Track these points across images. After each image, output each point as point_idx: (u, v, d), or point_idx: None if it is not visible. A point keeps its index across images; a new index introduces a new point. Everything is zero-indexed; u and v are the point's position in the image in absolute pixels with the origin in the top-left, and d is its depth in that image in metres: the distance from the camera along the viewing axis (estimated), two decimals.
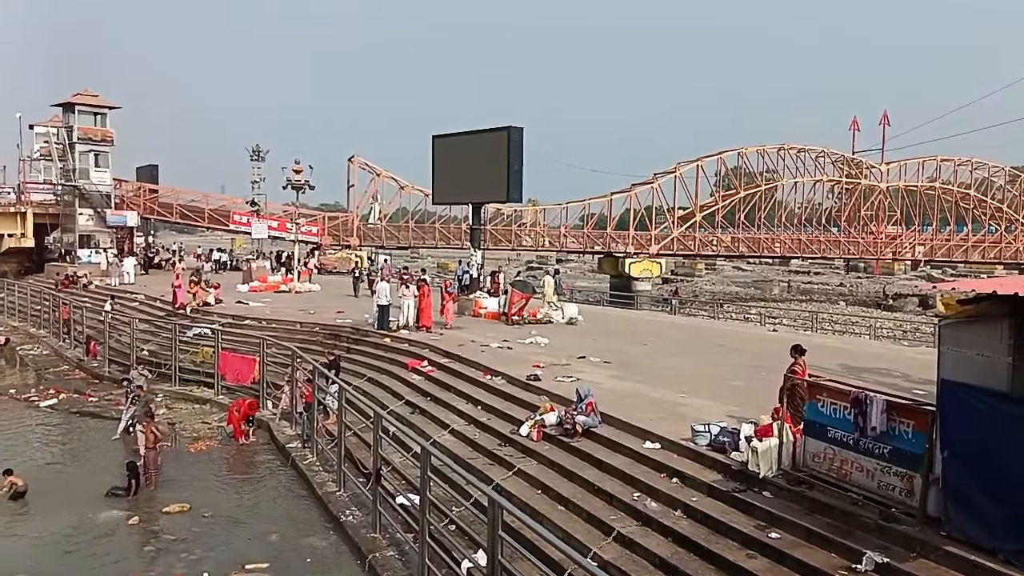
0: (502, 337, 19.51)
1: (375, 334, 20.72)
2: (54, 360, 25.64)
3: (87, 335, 25.28)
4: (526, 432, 12.23)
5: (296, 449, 14.77)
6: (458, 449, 12.66)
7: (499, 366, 15.81)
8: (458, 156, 26.04)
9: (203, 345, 21.24)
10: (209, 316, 25.01)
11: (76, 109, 42.87)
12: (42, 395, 20.33)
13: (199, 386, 20.10)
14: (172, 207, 47.44)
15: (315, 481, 12.98)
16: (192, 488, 13.37)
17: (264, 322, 23.80)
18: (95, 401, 19.80)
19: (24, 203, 43.96)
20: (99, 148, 43.60)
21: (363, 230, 53.13)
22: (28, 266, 43.71)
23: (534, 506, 10.17)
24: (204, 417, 18.13)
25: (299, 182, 32.47)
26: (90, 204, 43.04)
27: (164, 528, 11.68)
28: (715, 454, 10.03)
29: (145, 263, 41.69)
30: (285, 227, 44.43)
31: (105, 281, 35.61)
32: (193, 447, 15.84)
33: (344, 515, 11.37)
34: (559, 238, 61.59)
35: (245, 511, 12.53)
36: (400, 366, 17.88)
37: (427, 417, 14.61)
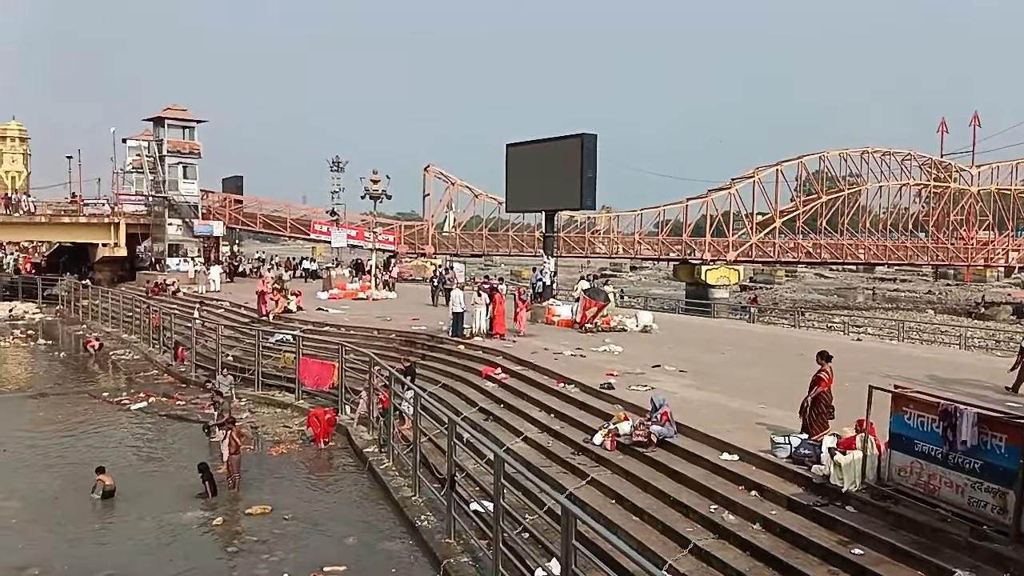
0: (575, 345, 19.44)
1: (449, 341, 20.92)
2: (144, 364, 26.74)
3: (175, 341, 26.30)
4: (600, 441, 12.14)
5: (373, 454, 15.02)
6: (531, 457, 12.66)
7: (572, 374, 15.75)
8: (531, 164, 26.09)
9: (285, 351, 21.83)
10: (291, 323, 25.69)
11: (166, 123, 44.72)
12: (132, 398, 21.22)
13: (281, 391, 20.66)
14: (256, 217, 48.93)
15: (391, 486, 13.17)
16: (274, 491, 13.73)
17: (343, 329, 24.31)
18: (182, 405, 20.55)
19: (117, 214, 45.98)
20: (187, 160, 45.36)
21: (438, 238, 53.79)
22: (121, 274, 45.67)
23: (608, 516, 10.08)
24: (285, 421, 18.62)
25: (377, 192, 33.07)
26: (179, 214, 44.76)
27: (246, 529, 12.03)
28: (795, 467, 9.77)
29: (230, 271, 43.15)
30: (363, 236, 45.34)
31: (192, 289, 36.98)
32: (274, 450, 16.29)
33: (419, 520, 11.49)
34: (633, 245, 61.07)
35: (324, 514, 12.80)
36: (474, 373, 18.01)
37: (500, 424, 14.66)
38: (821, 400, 10.46)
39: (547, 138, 25.79)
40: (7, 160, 70.28)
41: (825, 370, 10.44)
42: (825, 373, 10.43)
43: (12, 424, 18.59)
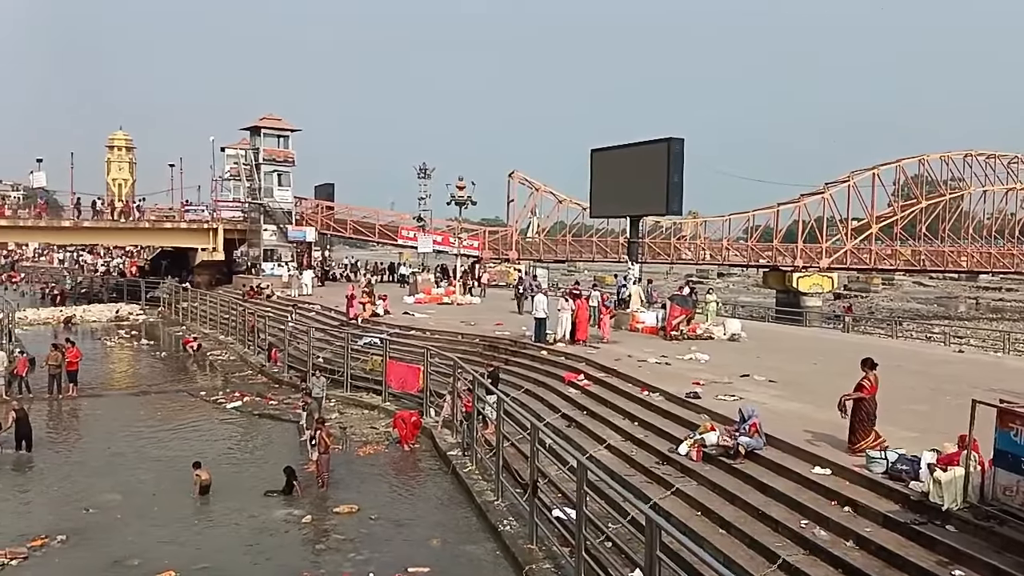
0: (660, 353, 19.18)
1: (533, 347, 20.95)
2: (239, 365, 27.74)
3: (269, 343, 27.20)
4: (685, 451, 11.94)
5: (456, 457, 15.17)
6: (615, 465, 12.55)
7: (657, 382, 15.54)
8: (617, 169, 25.88)
9: (372, 354, 22.29)
10: (378, 326, 26.21)
11: (262, 132, 46.33)
12: (228, 397, 22.04)
13: (368, 392, 21.10)
14: (346, 223, 50.14)
15: (474, 489, 13.27)
16: (360, 491, 14.03)
17: (428, 333, 24.66)
18: (275, 404, 21.22)
19: (216, 220, 47.86)
20: (282, 168, 46.88)
21: (521, 244, 53.98)
22: (218, 278, 47.48)
23: (693, 528, 9.89)
24: (373, 422, 19.01)
25: (462, 198, 33.47)
26: (273, 220, 46.29)
27: (334, 528, 12.32)
28: (892, 483, 9.37)
29: (321, 276, 44.35)
30: (448, 241, 45.88)
31: (286, 292, 38.18)
32: (362, 451, 16.64)
33: (502, 525, 11.53)
34: (721, 251, 59.88)
35: (408, 515, 12.99)
36: (557, 379, 17.98)
37: (583, 431, 14.58)
38: (862, 408, 10.27)
39: (633, 143, 25.53)
40: (114, 168, 74.13)
41: (868, 378, 10.22)
42: (868, 381, 10.22)
43: (116, 420, 19.59)
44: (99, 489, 13.96)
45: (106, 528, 12.17)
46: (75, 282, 56.79)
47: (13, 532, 11.81)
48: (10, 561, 10.73)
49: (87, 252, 70.38)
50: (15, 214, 47.52)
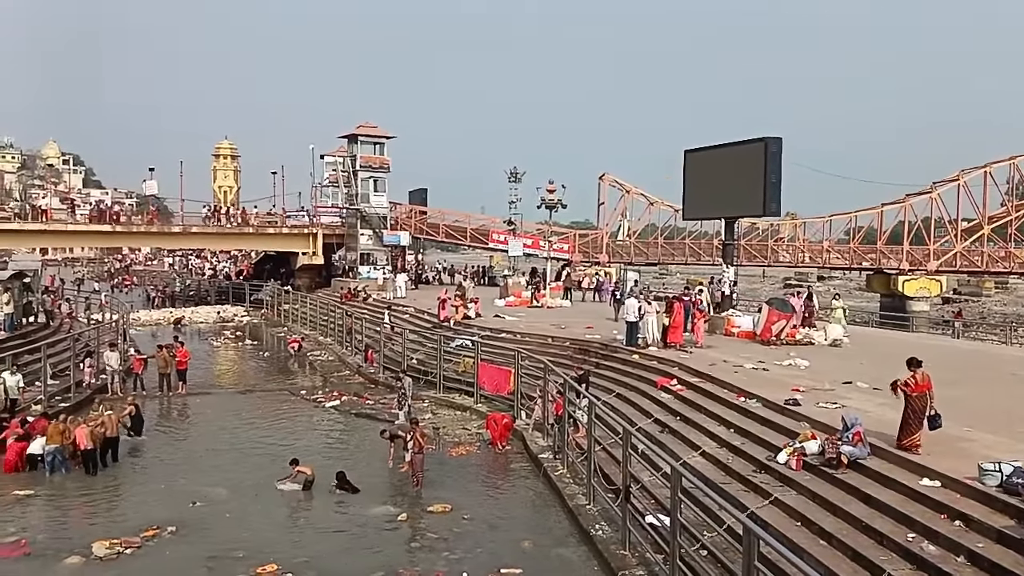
0: (757, 358, 18.71)
1: (624, 350, 20.77)
2: (337, 365, 28.54)
3: (365, 344, 27.90)
4: (784, 460, 11.59)
5: (548, 460, 15.18)
6: (710, 472, 12.30)
7: (754, 388, 15.16)
8: (711, 170, 25.40)
9: (464, 356, 22.56)
10: (470, 329, 26.50)
11: (359, 140, 47.62)
12: (327, 396, 22.70)
13: (461, 394, 21.38)
14: (439, 227, 50.95)
15: (566, 493, 13.25)
16: (453, 490, 14.20)
17: (519, 336, 24.77)
18: (371, 404, 21.74)
19: (315, 225, 49.44)
20: (378, 174, 48.05)
21: (612, 247, 53.60)
22: (318, 281, 48.99)
23: (793, 538, 9.59)
24: (465, 423, 19.24)
25: (552, 201, 33.49)
26: (369, 225, 47.47)
27: (428, 527, 12.52)
28: (1007, 497, 8.86)
29: (415, 279, 45.16)
30: (538, 244, 45.97)
31: (381, 295, 39.06)
32: (454, 451, 16.86)
33: (594, 529, 11.48)
34: (821, 253, 57.91)
35: (500, 516, 13.09)
36: (649, 383, 17.77)
37: (677, 437, 14.35)
38: (909, 405, 9.95)
39: (728, 143, 25.00)
40: (220, 176, 77.66)
41: (915, 376, 9.71)
42: (913, 380, 9.70)
43: (222, 417, 20.47)
44: (205, 483, 14.60)
45: (212, 521, 12.71)
46: (184, 285, 59.67)
47: (128, 522, 12.49)
48: (125, 550, 11.35)
49: (195, 256, 73.81)
50: (129, 220, 50.22)
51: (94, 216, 49.32)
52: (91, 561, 10.96)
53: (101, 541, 11.42)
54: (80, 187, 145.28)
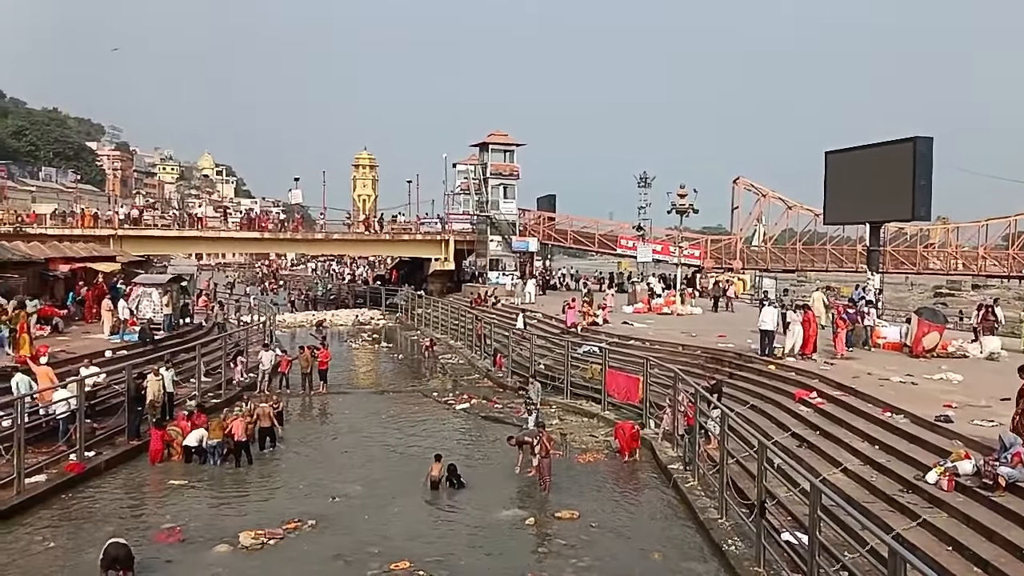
0: (904, 371, 17.64)
1: (759, 360, 20.08)
2: (467, 369, 29.08)
3: (494, 348, 28.29)
4: (934, 480, 10.87)
5: (677, 471, 14.87)
6: (851, 490, 11.69)
7: (901, 403, 14.29)
8: (854, 172, 24.27)
9: (591, 362, 22.46)
10: (597, 335, 26.38)
11: (489, 148, 48.45)
12: (457, 399, 23.16)
13: (588, 400, 21.28)
14: (567, 233, 51.06)
15: (696, 505, 12.93)
16: (581, 497, 14.14)
17: (647, 343, 24.43)
18: (499, 408, 22.00)
19: (447, 232, 50.72)
20: (507, 181, 48.70)
21: (746, 253, 52.00)
22: (449, 286, 50.16)
23: (944, 564, 8.98)
24: (592, 430, 19.14)
25: (683, 206, 32.93)
26: (499, 231, 48.16)
27: (556, 532, 12.51)
28: None
29: (543, 284, 45.43)
30: (668, 250, 45.23)
31: (509, 301, 39.51)
32: (581, 458, 16.79)
33: (726, 544, 11.14)
34: (976, 260, 54.01)
35: (628, 526, 12.91)
36: (786, 395, 17.10)
37: (816, 452, 13.74)
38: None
39: (873, 144, 23.87)
40: (359, 185, 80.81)
41: None
42: None
43: (359, 416, 21.25)
44: (343, 479, 15.20)
45: (349, 516, 13.20)
46: (325, 289, 62.52)
47: (271, 514, 13.15)
48: (269, 540, 11.97)
49: (336, 262, 77.19)
50: (276, 228, 53.16)
51: (244, 223, 52.60)
52: (238, 550, 11.61)
53: (248, 532, 12.09)
54: (232, 196, 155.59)
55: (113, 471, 15.34)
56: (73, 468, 14.59)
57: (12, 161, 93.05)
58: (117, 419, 17.01)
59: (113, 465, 15.54)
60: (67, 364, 18.92)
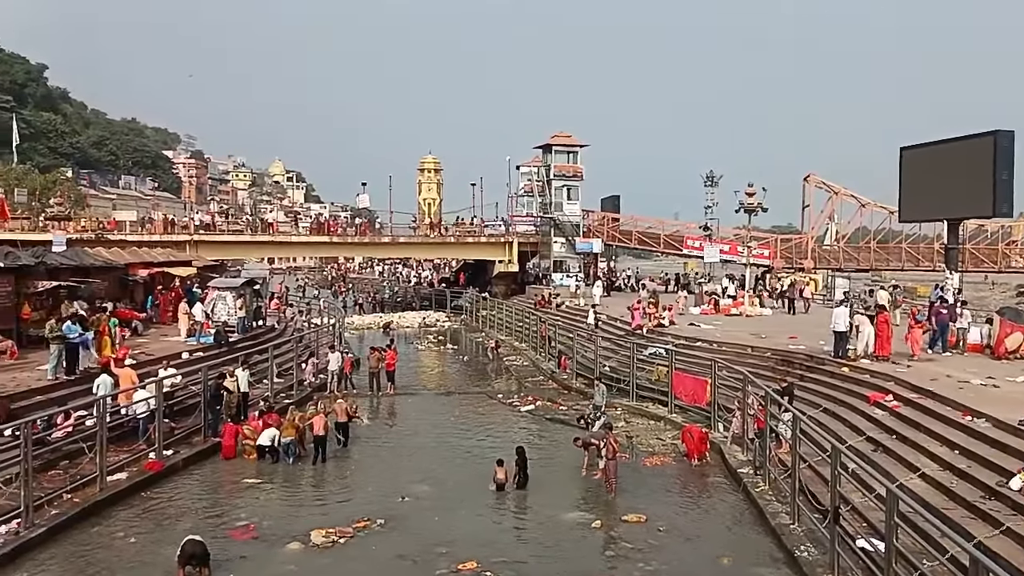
0: (986, 373, 16.97)
1: (831, 362, 19.58)
2: (532, 370, 29.10)
3: (559, 350, 28.25)
4: (1019, 486, 10.45)
5: (747, 475, 14.61)
6: (930, 496, 11.31)
7: (982, 406, 13.75)
8: (932, 168, 23.46)
9: (658, 364, 22.24)
10: (663, 337, 26.11)
11: (553, 149, 48.44)
12: (522, 401, 23.21)
13: (654, 403, 21.07)
14: (631, 234, 50.67)
15: (767, 510, 12.69)
16: (648, 500, 14.02)
17: (715, 344, 24.06)
18: (564, 410, 21.95)
19: (511, 234, 50.90)
20: (571, 183, 48.62)
21: (818, 252, 50.74)
22: (513, 288, 50.30)
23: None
24: (658, 433, 18.95)
25: (752, 205, 32.31)
26: (563, 233, 48.11)
27: (622, 535, 12.43)
28: None
29: (607, 286, 45.19)
30: (736, 250, 44.49)
31: (574, 302, 39.42)
32: (648, 461, 16.63)
33: (799, 550, 10.91)
34: None
35: (697, 530, 12.75)
36: (860, 398, 16.63)
37: (892, 457, 13.33)
38: None
39: (951, 138, 23.04)
40: (424, 189, 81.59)
41: None
42: None
43: (425, 417, 21.50)
44: (411, 479, 15.38)
45: (417, 516, 13.35)
46: (392, 292, 63.42)
47: (341, 513, 13.40)
48: (339, 539, 12.20)
49: (402, 265, 78.23)
50: (344, 232, 54.15)
51: (314, 228, 53.81)
52: (309, 548, 11.87)
53: (318, 530, 12.35)
54: (302, 202, 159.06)
55: (190, 469, 15.86)
56: (152, 466, 15.14)
57: (94, 170, 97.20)
58: (194, 419, 17.61)
59: (190, 464, 16.08)
60: (146, 366, 19.64)
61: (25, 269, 23.17)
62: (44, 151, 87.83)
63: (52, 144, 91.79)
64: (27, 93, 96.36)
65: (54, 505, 12.71)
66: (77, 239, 39.79)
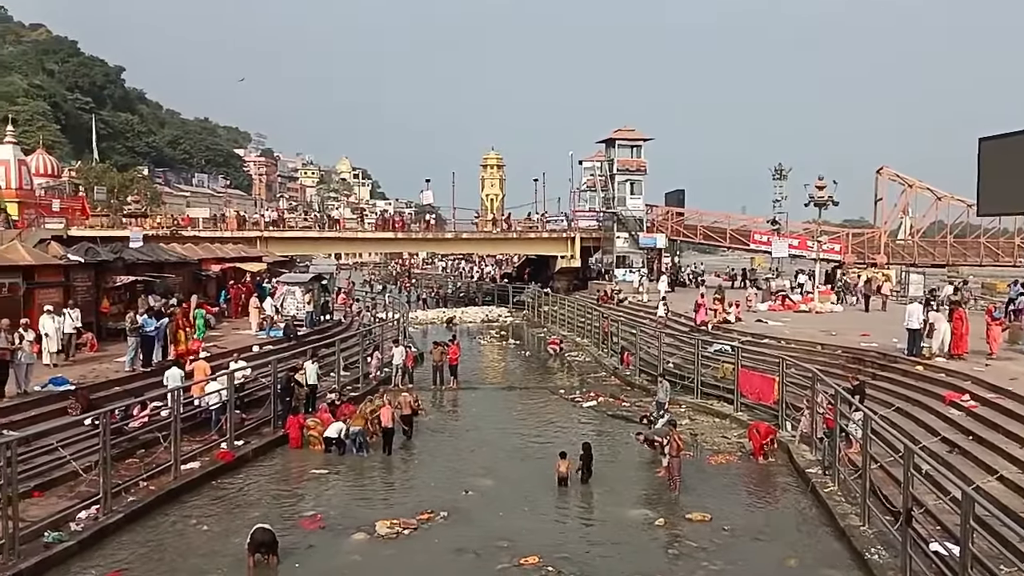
0: None
1: (905, 360, 18.98)
2: (594, 366, 28.98)
3: (621, 346, 28.06)
4: None
5: (816, 475, 14.29)
6: (1008, 500, 10.88)
7: None
8: (1012, 159, 22.43)
9: (723, 361, 21.90)
10: (729, 333, 25.68)
11: (616, 144, 48.08)
12: (584, 397, 23.11)
13: (719, 400, 20.76)
14: (696, 229, 49.95)
15: (836, 512, 12.39)
16: (712, 499, 13.83)
17: (783, 342, 23.56)
18: (627, 406, 21.79)
19: (573, 229, 50.66)
20: (634, 177, 48.21)
21: (891, 247, 49.20)
22: (575, 283, 50.11)
23: None
24: (724, 432, 18.67)
25: (822, 199, 31.50)
26: (625, 228, 47.70)
27: (686, 534, 12.29)
28: None
29: (671, 282, 44.65)
30: (806, 245, 43.46)
31: (637, 298, 39.07)
32: (713, 459, 16.40)
33: (869, 553, 10.63)
34: None
35: (763, 530, 12.52)
36: (934, 398, 16.10)
37: (968, 458, 12.86)
38: None
39: None
40: (487, 184, 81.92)
41: None
42: None
43: (488, 412, 21.62)
44: (473, 473, 15.50)
45: (480, 510, 13.45)
46: (455, 287, 63.82)
47: (405, 505, 13.59)
48: (403, 530, 12.37)
49: (464, 260, 78.76)
50: (408, 228, 54.76)
51: (379, 224, 54.49)
52: (374, 539, 12.06)
53: (383, 521, 12.54)
54: (368, 198, 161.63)
55: (259, 459, 16.29)
56: (223, 456, 15.59)
57: (169, 168, 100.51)
58: (264, 410, 18.07)
59: (259, 454, 16.51)
60: (218, 358, 20.23)
61: (104, 265, 24.13)
62: (122, 150, 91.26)
63: (129, 143, 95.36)
64: (106, 94, 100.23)
65: (131, 492, 13.20)
66: (153, 235, 41.24)
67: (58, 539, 11.11)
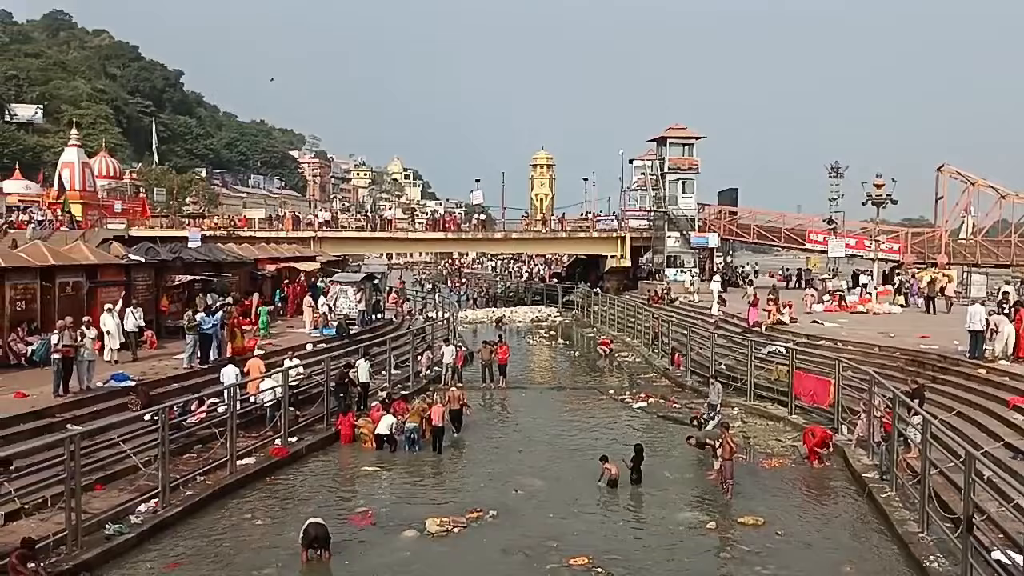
0: None
1: (966, 363, 18.43)
2: (644, 367, 28.78)
3: (672, 347, 27.80)
4: None
5: (872, 480, 13.97)
6: None
7: None
8: None
9: (777, 363, 21.54)
10: (783, 335, 25.25)
11: (667, 142, 47.61)
12: (634, 397, 22.96)
13: (773, 403, 20.42)
14: (750, 228, 49.19)
15: (894, 518, 12.10)
16: (765, 503, 13.63)
17: (839, 344, 23.07)
18: (678, 408, 21.59)
19: (623, 229, 50.33)
20: (686, 176, 47.67)
21: (952, 246, 47.81)
22: (625, 283, 49.75)
23: None
24: (778, 435, 18.37)
25: (880, 197, 30.82)
26: (677, 227, 47.20)
27: (738, 538, 12.13)
28: None
29: (724, 282, 44.06)
30: (863, 245, 42.52)
31: (688, 298, 38.66)
32: (767, 463, 16.14)
33: (927, 560, 10.36)
34: None
35: (817, 536, 12.31)
36: (998, 402, 15.60)
37: None
38: None
39: None
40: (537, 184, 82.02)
41: None
42: None
43: (537, 411, 21.61)
44: (523, 472, 15.53)
45: (529, 509, 13.48)
46: (505, 287, 63.94)
47: (455, 503, 13.68)
48: (453, 528, 12.46)
49: (514, 260, 78.89)
50: (459, 228, 55.08)
51: (430, 224, 54.95)
52: (424, 536, 12.17)
53: (433, 518, 12.64)
54: (419, 199, 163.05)
55: (313, 456, 16.57)
56: (278, 452, 15.90)
57: (226, 170, 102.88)
58: (317, 407, 18.37)
59: (313, 450, 16.80)
60: (273, 356, 20.63)
61: (164, 264, 24.80)
62: (180, 152, 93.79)
63: (188, 146, 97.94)
64: (165, 98, 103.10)
65: (188, 486, 13.55)
66: (211, 235, 42.17)
67: (119, 531, 11.47)
